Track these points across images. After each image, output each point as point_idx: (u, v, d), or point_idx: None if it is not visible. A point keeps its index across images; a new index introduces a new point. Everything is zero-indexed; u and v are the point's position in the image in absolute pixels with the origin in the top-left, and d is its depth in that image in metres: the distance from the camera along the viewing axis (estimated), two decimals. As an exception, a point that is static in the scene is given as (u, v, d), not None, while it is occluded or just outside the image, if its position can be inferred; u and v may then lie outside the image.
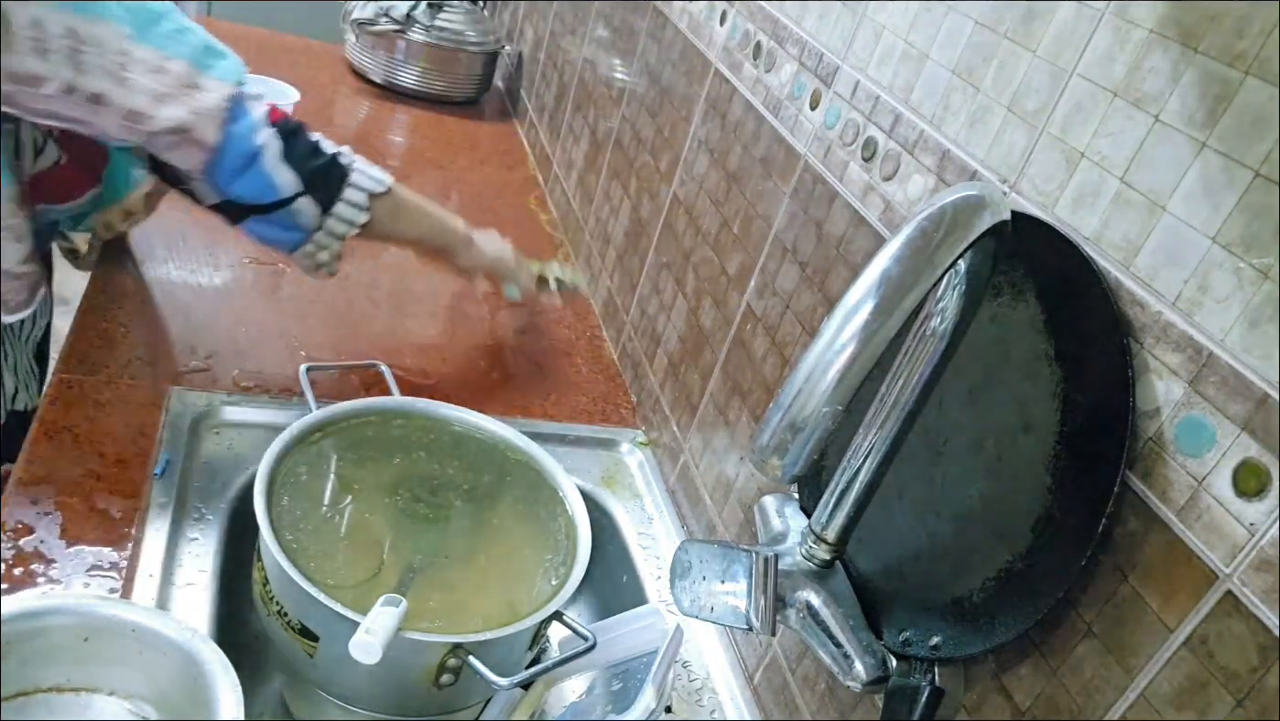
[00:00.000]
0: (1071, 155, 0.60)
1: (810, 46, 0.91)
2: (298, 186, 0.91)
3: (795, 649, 0.83)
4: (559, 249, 1.55)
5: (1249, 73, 0.49)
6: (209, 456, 0.93)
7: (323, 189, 0.93)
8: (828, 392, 0.47)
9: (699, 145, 1.13)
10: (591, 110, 1.54)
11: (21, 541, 0.77)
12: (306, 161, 0.92)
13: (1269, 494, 0.46)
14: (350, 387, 1.06)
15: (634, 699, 0.71)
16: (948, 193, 0.50)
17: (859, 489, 0.60)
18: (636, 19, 1.39)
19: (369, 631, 0.64)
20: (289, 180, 0.91)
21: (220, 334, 1.08)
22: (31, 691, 0.64)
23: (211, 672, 0.62)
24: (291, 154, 0.91)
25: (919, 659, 0.61)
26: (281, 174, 0.90)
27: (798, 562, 0.65)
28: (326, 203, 0.94)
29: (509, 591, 0.75)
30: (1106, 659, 0.53)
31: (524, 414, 1.12)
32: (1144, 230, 0.54)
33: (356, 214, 0.96)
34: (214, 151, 0.87)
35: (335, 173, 0.94)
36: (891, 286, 0.47)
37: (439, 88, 1.94)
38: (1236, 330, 0.49)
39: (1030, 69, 0.64)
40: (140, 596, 0.76)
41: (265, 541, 0.70)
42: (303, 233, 0.95)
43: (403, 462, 0.83)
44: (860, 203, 0.80)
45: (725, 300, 1.02)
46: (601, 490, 1.06)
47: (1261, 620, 0.46)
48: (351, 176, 0.95)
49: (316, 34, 2.13)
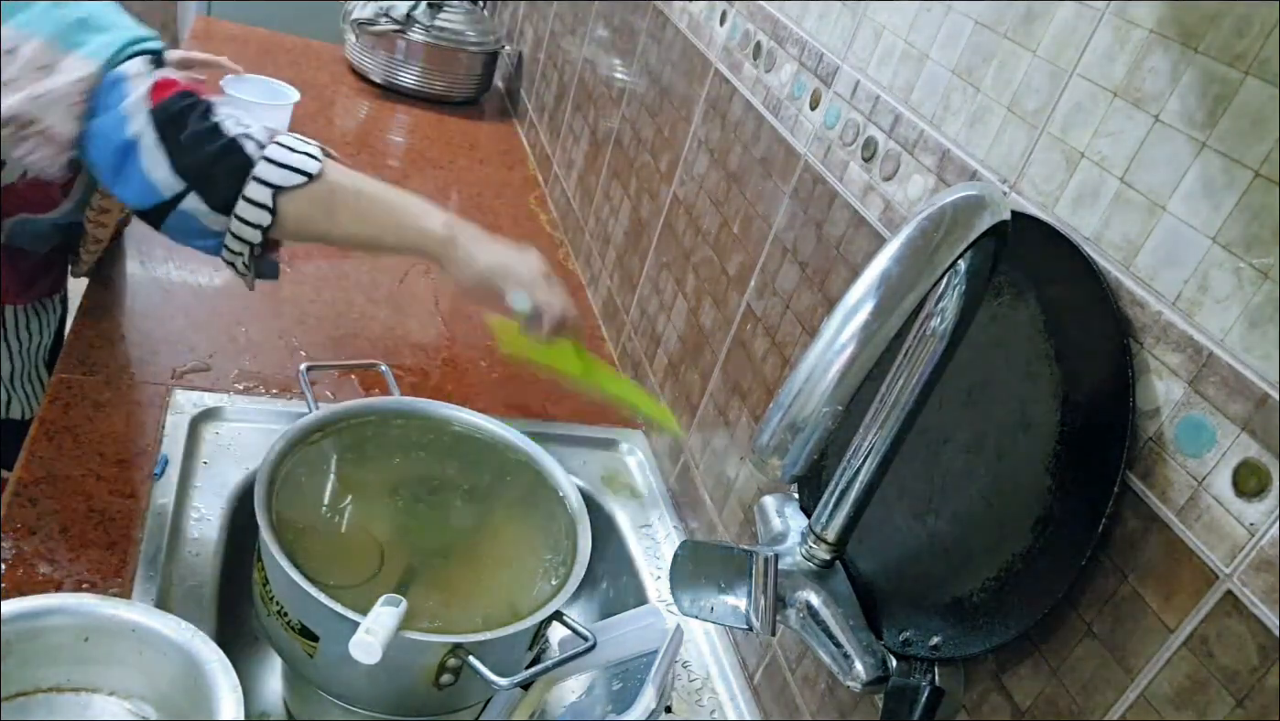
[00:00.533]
0: (1071, 155, 0.60)
1: (810, 46, 0.91)
2: (178, 185, 0.75)
3: (795, 649, 0.83)
4: (559, 249, 1.55)
5: (1249, 73, 0.49)
6: (209, 456, 0.93)
7: (214, 185, 0.76)
8: (828, 393, 0.47)
9: (699, 145, 1.13)
10: (591, 110, 1.54)
11: (21, 541, 0.77)
12: (191, 152, 0.74)
13: (1269, 494, 0.46)
14: (350, 388, 1.06)
15: (634, 699, 0.71)
16: (948, 193, 0.50)
17: (859, 489, 0.60)
18: (636, 19, 1.39)
19: (369, 631, 0.64)
20: (165, 176, 0.74)
21: (220, 334, 1.08)
22: (31, 691, 0.64)
23: (211, 672, 0.62)
24: (171, 143, 0.74)
25: (919, 659, 0.61)
26: (158, 170, 0.74)
27: (798, 562, 0.65)
28: (222, 202, 0.77)
29: (509, 591, 0.75)
30: (1106, 659, 0.53)
31: (524, 414, 1.12)
32: (1144, 230, 0.54)
33: (260, 214, 0.77)
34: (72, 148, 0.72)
35: (230, 163, 0.76)
36: (891, 286, 0.47)
37: (439, 88, 1.94)
38: (1236, 330, 0.49)
39: (1030, 69, 0.64)
40: (140, 596, 0.76)
41: (265, 541, 0.70)
42: (214, 237, 0.79)
43: (403, 462, 0.83)
44: (860, 203, 0.80)
45: (725, 300, 1.02)
46: (601, 490, 1.06)
47: (1261, 620, 0.46)
48: (256, 168, 0.77)
49: (316, 34, 2.13)
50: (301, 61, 1.95)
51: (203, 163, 0.75)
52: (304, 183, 0.78)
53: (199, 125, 0.75)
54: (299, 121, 1.66)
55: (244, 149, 0.77)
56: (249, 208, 0.77)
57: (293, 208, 0.78)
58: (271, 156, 0.78)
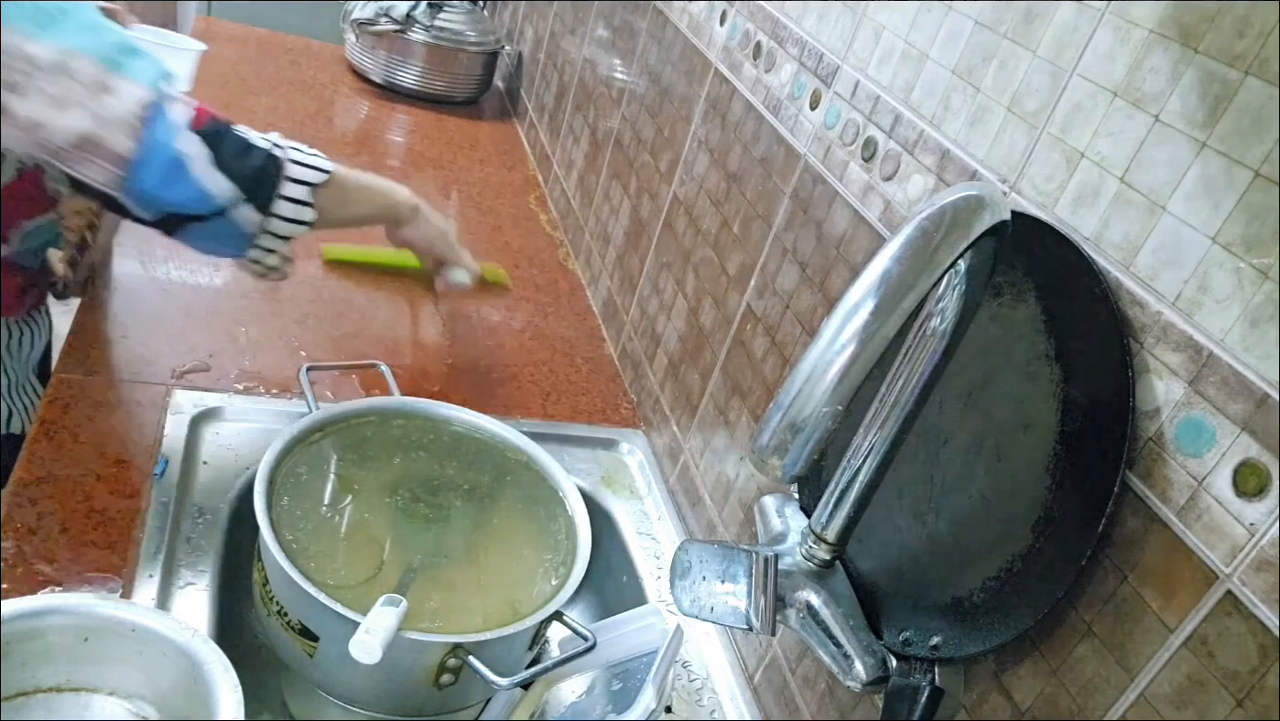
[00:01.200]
0: (1071, 155, 0.60)
1: (810, 46, 0.91)
2: (235, 193, 0.83)
3: (795, 649, 0.83)
4: (559, 249, 1.55)
5: (1249, 73, 0.49)
6: (209, 456, 0.93)
7: (261, 191, 0.85)
8: (828, 393, 0.47)
9: (699, 145, 1.13)
10: (591, 110, 1.54)
11: (21, 541, 0.77)
12: (240, 163, 0.83)
13: (1269, 494, 0.46)
14: (350, 387, 1.06)
15: (634, 699, 0.71)
16: (948, 192, 0.49)
17: (859, 489, 0.60)
18: (636, 19, 1.39)
19: (369, 631, 0.64)
20: (224, 187, 0.82)
21: (220, 334, 1.08)
22: (31, 691, 0.64)
23: (211, 672, 0.62)
24: (222, 158, 0.82)
25: (919, 659, 0.61)
26: (214, 181, 0.81)
27: (798, 562, 0.65)
28: (265, 205, 0.85)
29: (509, 591, 0.75)
30: (1106, 659, 0.53)
31: (524, 414, 1.12)
32: (1144, 230, 0.54)
33: (301, 211, 0.88)
34: (129, 164, 0.77)
35: (271, 170, 0.85)
36: (891, 286, 0.47)
37: (439, 88, 1.94)
38: (1236, 330, 0.49)
39: (1030, 69, 0.64)
40: (140, 596, 0.76)
41: (265, 541, 0.70)
42: (245, 239, 0.87)
43: (403, 462, 0.83)
44: (860, 203, 0.80)
45: (725, 300, 1.02)
46: (601, 490, 1.06)
47: (1261, 620, 0.46)
48: (288, 170, 0.86)
49: (316, 34, 2.13)
50: (301, 61, 1.95)
51: (251, 172, 0.84)
52: (327, 179, 0.89)
53: (237, 141, 0.84)
54: (301, 123, 1.66)
55: (277, 156, 0.86)
56: (290, 206, 0.87)
57: (324, 201, 0.90)
58: (296, 159, 0.88)
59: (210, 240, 0.86)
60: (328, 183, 0.90)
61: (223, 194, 0.82)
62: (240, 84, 1.75)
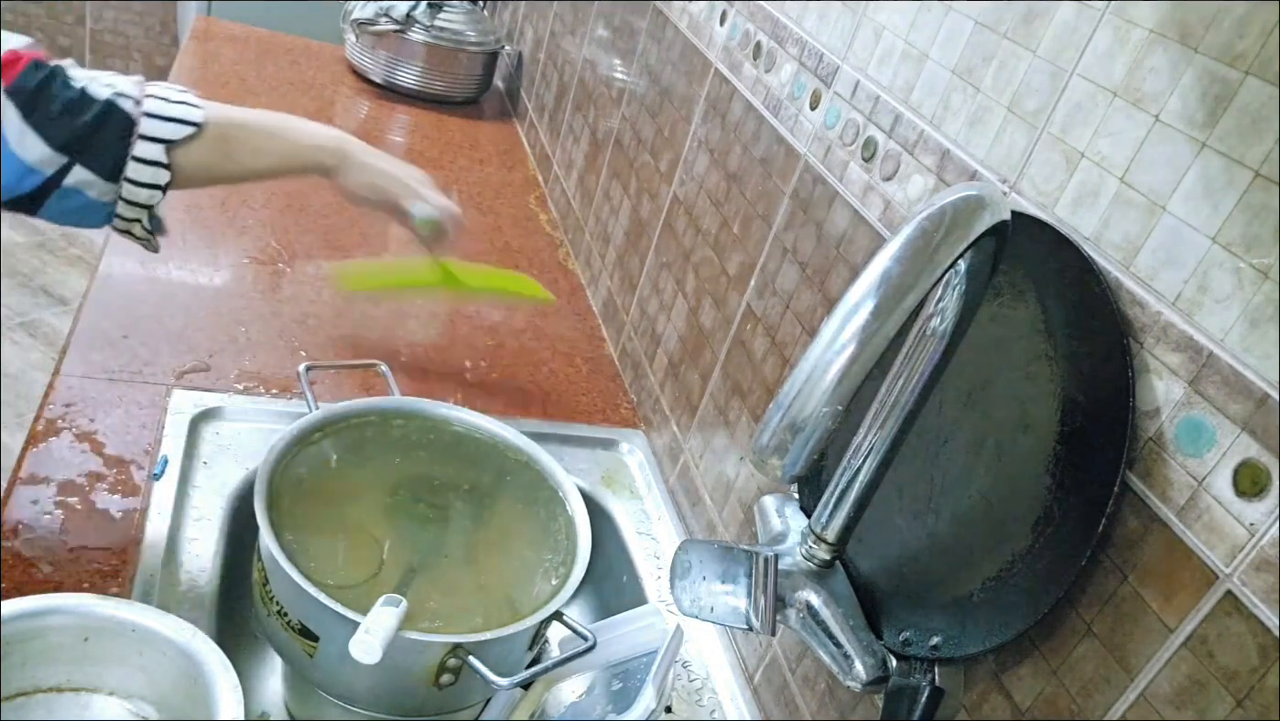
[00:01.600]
0: (1071, 155, 0.60)
1: (810, 46, 0.91)
2: (59, 159, 0.70)
3: (795, 649, 0.83)
4: (559, 249, 1.55)
5: (1249, 73, 0.49)
6: (209, 456, 0.93)
7: (98, 152, 0.72)
8: (828, 393, 0.47)
9: (699, 145, 1.13)
10: (591, 110, 1.54)
11: (21, 541, 0.77)
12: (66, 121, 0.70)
13: (1269, 494, 0.46)
14: (350, 387, 1.06)
15: (634, 699, 0.71)
16: (948, 192, 0.49)
17: (859, 489, 0.60)
18: (636, 19, 1.39)
19: (369, 631, 0.64)
20: (43, 154, 0.69)
21: (220, 334, 1.08)
22: (31, 691, 0.64)
23: (211, 672, 0.62)
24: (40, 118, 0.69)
25: (919, 659, 0.61)
26: (32, 148, 0.69)
27: (798, 562, 0.65)
28: (111, 168, 0.73)
29: (509, 591, 0.75)
30: (1106, 659, 0.53)
31: (524, 414, 1.12)
32: (1144, 230, 0.54)
33: (156, 173, 0.75)
34: None
35: (111, 127, 0.72)
36: (891, 286, 0.47)
37: (439, 88, 1.94)
38: (1236, 330, 0.49)
39: (1030, 69, 0.64)
40: (140, 596, 0.76)
41: (265, 541, 0.70)
42: (101, 208, 0.75)
43: (403, 462, 0.83)
44: (860, 203, 0.80)
45: (725, 300, 1.02)
46: (601, 490, 1.06)
47: (1261, 620, 0.46)
48: (140, 126, 0.74)
49: (316, 34, 2.13)
50: (301, 61, 1.95)
51: (82, 132, 0.71)
52: (194, 134, 0.77)
53: (65, 94, 0.71)
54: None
55: (122, 108, 0.74)
56: (142, 168, 0.75)
57: (189, 159, 0.77)
58: (152, 111, 0.75)
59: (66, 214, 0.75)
60: (201, 134, 0.77)
61: (45, 163, 0.70)
62: (240, 84, 1.75)
